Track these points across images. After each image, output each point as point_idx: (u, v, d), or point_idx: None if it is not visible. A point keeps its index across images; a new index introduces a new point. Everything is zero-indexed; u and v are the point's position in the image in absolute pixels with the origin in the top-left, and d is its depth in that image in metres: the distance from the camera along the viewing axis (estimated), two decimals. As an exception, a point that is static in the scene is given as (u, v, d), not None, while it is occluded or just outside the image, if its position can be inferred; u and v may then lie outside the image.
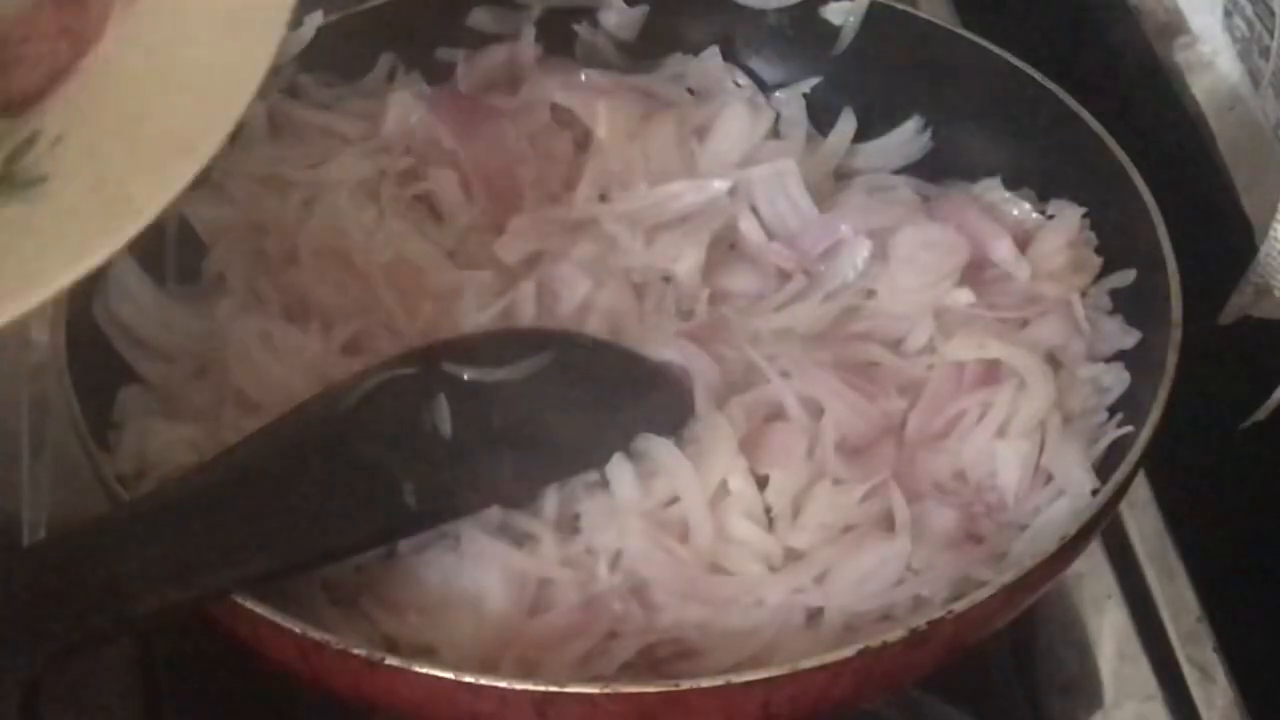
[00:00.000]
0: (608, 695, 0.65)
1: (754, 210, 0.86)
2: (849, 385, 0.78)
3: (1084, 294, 0.83)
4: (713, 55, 0.92)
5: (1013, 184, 0.87)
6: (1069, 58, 0.92)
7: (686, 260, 0.83)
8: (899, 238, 0.83)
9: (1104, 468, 0.76)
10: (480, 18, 0.91)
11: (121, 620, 0.66)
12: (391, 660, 0.66)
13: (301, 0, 0.75)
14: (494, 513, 0.74)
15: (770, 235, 0.86)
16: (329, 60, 0.89)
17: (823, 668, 0.66)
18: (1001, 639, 0.79)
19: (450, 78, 0.91)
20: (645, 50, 0.93)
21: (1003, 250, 0.84)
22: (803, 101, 0.92)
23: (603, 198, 0.86)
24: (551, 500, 0.75)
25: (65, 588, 0.64)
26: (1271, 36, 0.87)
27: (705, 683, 0.65)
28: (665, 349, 0.79)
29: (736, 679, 0.65)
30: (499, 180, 0.85)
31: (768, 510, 0.74)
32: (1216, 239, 0.90)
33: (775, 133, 0.90)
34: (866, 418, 0.77)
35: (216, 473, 0.71)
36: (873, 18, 0.91)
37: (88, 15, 0.73)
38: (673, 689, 0.65)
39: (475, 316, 0.80)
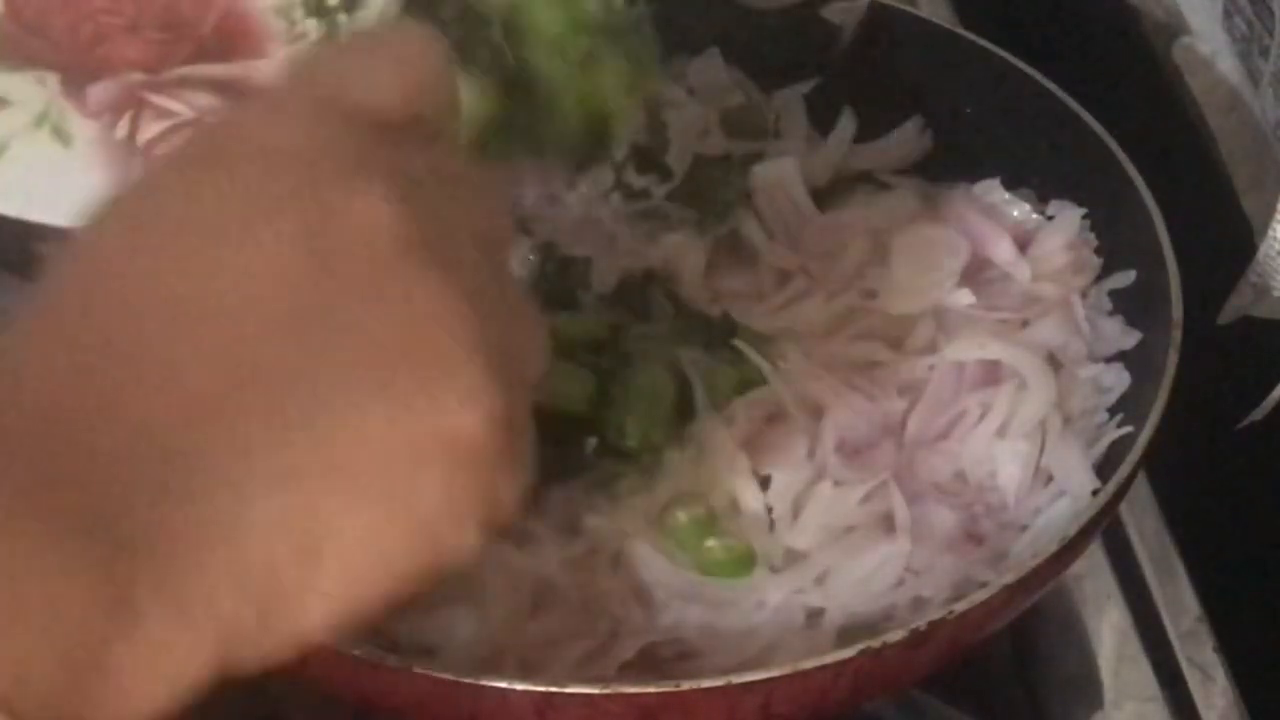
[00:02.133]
0: (608, 696, 0.65)
1: (754, 210, 0.86)
2: (849, 385, 0.78)
3: (1084, 294, 0.83)
4: (713, 56, 0.92)
5: (1013, 184, 0.87)
6: (1069, 58, 0.92)
7: (687, 260, 0.83)
8: (899, 238, 0.84)
9: (1104, 468, 0.76)
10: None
11: None
12: (391, 660, 0.66)
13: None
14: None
15: (770, 235, 0.86)
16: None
17: (823, 668, 0.66)
18: (1002, 639, 0.79)
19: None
20: (645, 50, 0.93)
21: (1003, 251, 0.84)
22: (803, 101, 0.92)
23: (603, 198, 0.86)
24: (552, 501, 0.75)
25: None
26: (1271, 36, 0.87)
27: (706, 683, 0.65)
28: (665, 349, 0.79)
29: (737, 679, 0.65)
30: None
31: (768, 511, 0.75)
32: (1216, 239, 0.90)
33: (775, 133, 0.90)
34: (867, 418, 0.77)
35: None
36: (873, 18, 0.91)
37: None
38: (673, 689, 0.65)
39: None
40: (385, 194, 0.49)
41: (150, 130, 0.70)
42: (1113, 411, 0.79)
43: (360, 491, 0.48)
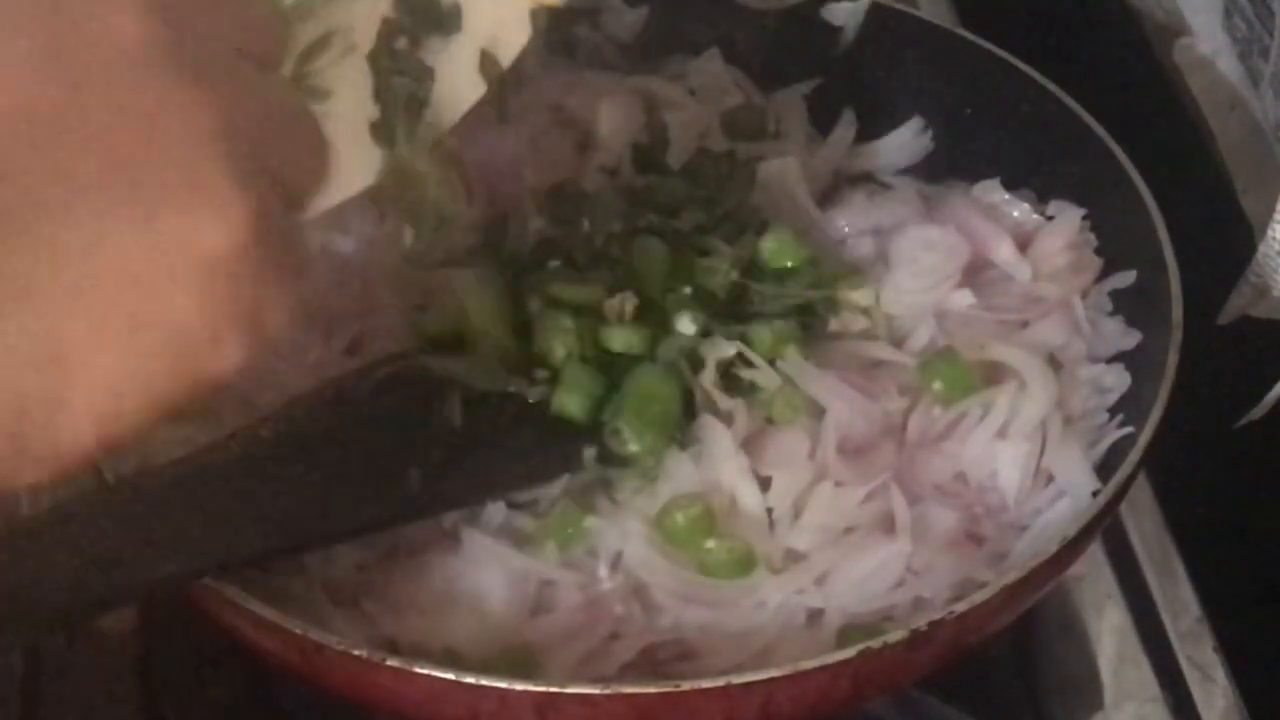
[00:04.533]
0: (608, 696, 0.65)
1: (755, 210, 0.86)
2: (850, 385, 0.78)
3: (1084, 295, 0.83)
4: (713, 56, 0.93)
5: (1013, 184, 0.87)
6: (1069, 58, 0.92)
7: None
8: (899, 238, 0.84)
9: (1104, 468, 0.76)
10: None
11: (111, 593, 0.66)
12: (392, 661, 0.66)
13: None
14: (496, 514, 0.74)
15: (771, 235, 0.86)
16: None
17: (823, 668, 0.66)
18: (1002, 639, 0.79)
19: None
20: (646, 51, 0.93)
21: (1003, 251, 0.84)
22: (803, 102, 0.92)
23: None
24: (553, 502, 0.75)
25: (57, 561, 0.65)
26: (1271, 36, 0.87)
27: (706, 683, 0.65)
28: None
29: (737, 680, 0.65)
30: (501, 182, 0.85)
31: (769, 511, 0.75)
32: (1216, 239, 0.90)
33: (775, 133, 0.90)
34: (868, 418, 0.77)
35: (215, 453, 0.71)
36: (873, 18, 0.91)
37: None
38: (673, 690, 0.65)
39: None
40: (134, 5, 0.49)
41: None
42: (1113, 412, 0.79)
43: (105, 310, 0.47)
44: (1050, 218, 0.86)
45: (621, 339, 0.76)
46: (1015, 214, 0.86)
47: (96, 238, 0.47)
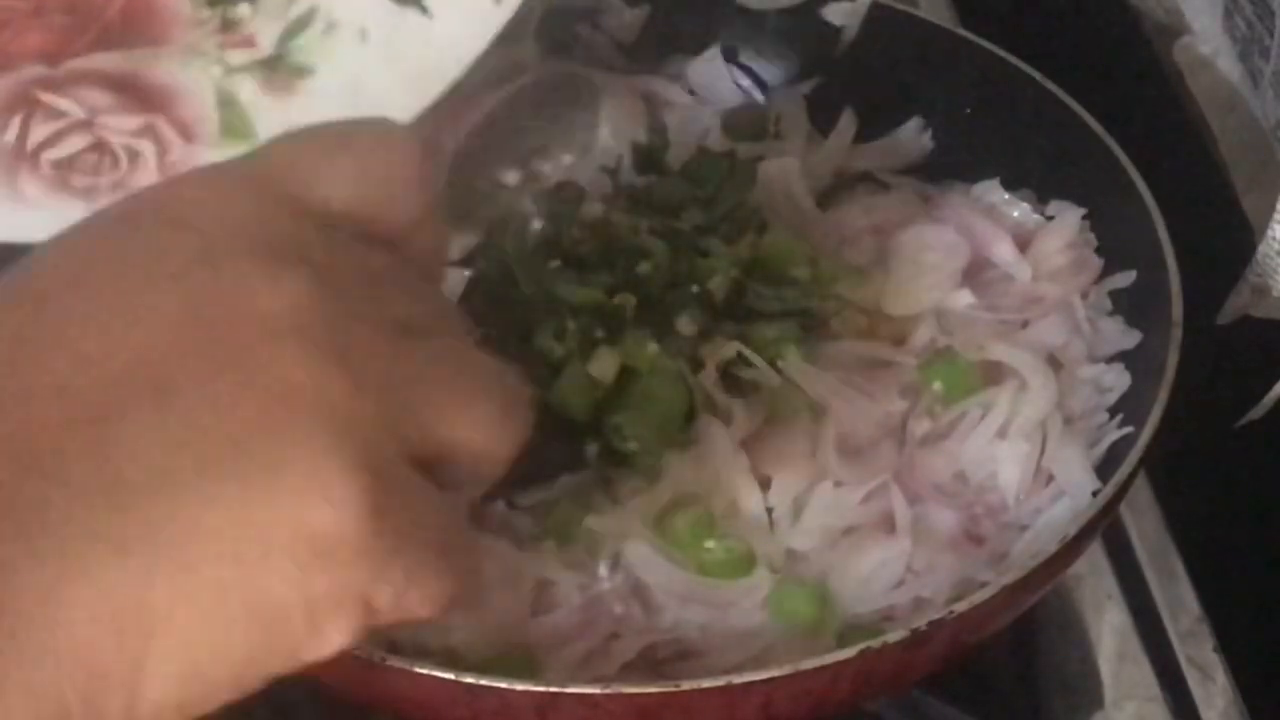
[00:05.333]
0: (609, 696, 0.65)
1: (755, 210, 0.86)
2: (850, 385, 0.78)
3: (1084, 295, 0.83)
4: (713, 56, 0.93)
5: (1013, 184, 0.87)
6: (1069, 58, 0.92)
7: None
8: (899, 238, 0.84)
9: (1105, 468, 0.76)
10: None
11: None
12: (392, 660, 0.66)
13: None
14: (495, 514, 0.74)
15: (771, 235, 0.86)
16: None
17: (823, 668, 0.66)
18: (1002, 639, 0.79)
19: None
20: (645, 51, 0.93)
21: (1003, 251, 0.84)
22: (803, 101, 0.92)
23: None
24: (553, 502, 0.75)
25: None
26: (1271, 36, 0.87)
27: (706, 683, 0.65)
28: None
29: (737, 679, 0.65)
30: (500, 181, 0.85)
31: (769, 512, 0.75)
32: (1216, 239, 0.90)
33: (775, 133, 0.90)
34: (868, 418, 0.77)
35: None
36: (873, 18, 0.91)
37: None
38: (674, 689, 0.65)
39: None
40: (293, 281, 0.47)
41: (40, 133, 0.69)
42: (1113, 412, 0.79)
43: (195, 579, 0.46)
44: (1050, 218, 0.86)
45: (583, 294, 0.76)
46: (1015, 214, 0.86)
47: (199, 510, 0.46)
